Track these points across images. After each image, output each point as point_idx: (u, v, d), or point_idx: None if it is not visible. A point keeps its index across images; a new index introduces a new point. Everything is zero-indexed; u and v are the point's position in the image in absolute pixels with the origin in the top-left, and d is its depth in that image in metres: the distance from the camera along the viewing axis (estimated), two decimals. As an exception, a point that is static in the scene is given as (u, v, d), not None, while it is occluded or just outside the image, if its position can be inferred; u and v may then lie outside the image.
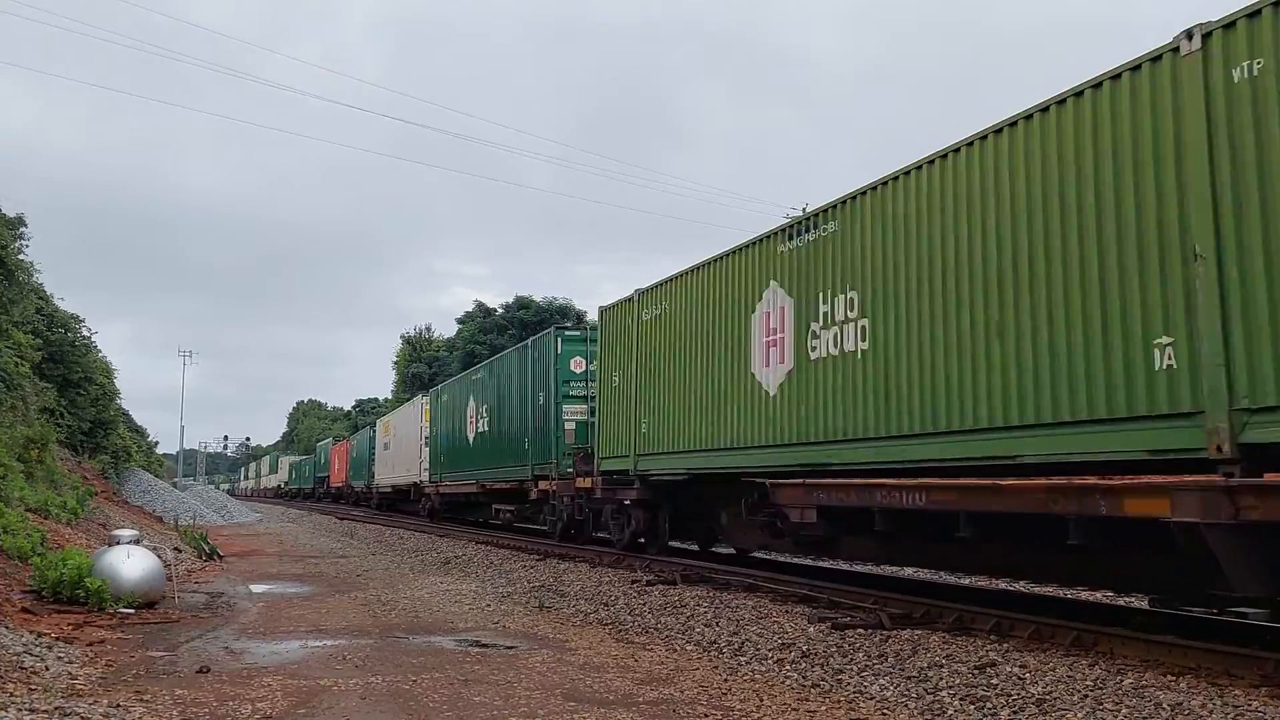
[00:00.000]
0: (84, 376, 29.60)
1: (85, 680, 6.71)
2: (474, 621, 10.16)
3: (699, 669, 7.55)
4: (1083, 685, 6.21)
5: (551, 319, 54.49)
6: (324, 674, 7.21)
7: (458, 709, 6.13)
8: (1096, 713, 5.70)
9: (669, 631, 9.31)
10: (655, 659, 7.98)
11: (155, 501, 32.75)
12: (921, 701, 6.30)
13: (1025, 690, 6.25)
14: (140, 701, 6.09)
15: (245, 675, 7.12)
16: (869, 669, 7.20)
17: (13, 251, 20.70)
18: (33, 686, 6.26)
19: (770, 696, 6.51)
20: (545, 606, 11.27)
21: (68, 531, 15.08)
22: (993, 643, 7.71)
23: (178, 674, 7.12)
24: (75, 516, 16.77)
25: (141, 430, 49.42)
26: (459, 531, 24.32)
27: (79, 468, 25.39)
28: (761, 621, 9.23)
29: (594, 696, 6.53)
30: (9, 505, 13.26)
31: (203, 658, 7.76)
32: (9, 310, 20.67)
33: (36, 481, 17.43)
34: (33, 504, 14.92)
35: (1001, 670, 6.75)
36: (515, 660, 7.86)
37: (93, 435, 30.48)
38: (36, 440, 19.01)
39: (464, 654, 8.16)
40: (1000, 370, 8.07)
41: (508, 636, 9.16)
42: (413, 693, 6.58)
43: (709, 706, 6.22)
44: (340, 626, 9.73)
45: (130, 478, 35.03)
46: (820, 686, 6.83)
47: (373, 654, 8.12)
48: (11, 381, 19.79)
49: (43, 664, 6.97)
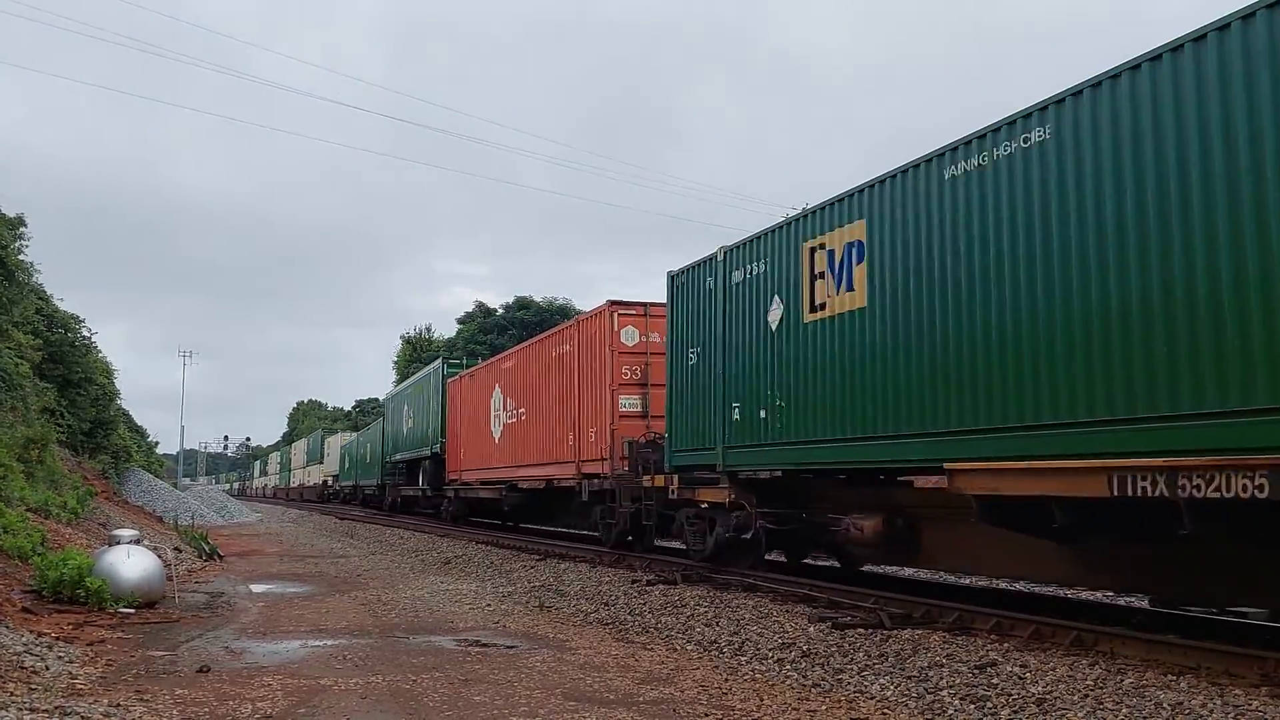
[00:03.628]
0: (84, 377, 29.59)
1: (85, 680, 6.71)
2: (474, 621, 10.17)
3: (699, 669, 7.55)
4: (1083, 685, 6.20)
5: (552, 319, 54.47)
6: (324, 674, 7.21)
7: (458, 709, 6.13)
8: (1096, 712, 5.70)
9: (669, 631, 9.31)
10: (655, 659, 7.98)
11: (155, 501, 32.74)
12: (922, 701, 6.30)
13: (1025, 690, 6.25)
14: (140, 701, 6.09)
15: (245, 675, 7.11)
16: (869, 669, 7.19)
17: (13, 252, 20.68)
18: (33, 686, 6.26)
19: (770, 696, 6.51)
20: (545, 606, 11.27)
21: (68, 531, 15.08)
22: (993, 642, 7.71)
23: (178, 674, 7.12)
24: (75, 516, 16.77)
25: (141, 430, 49.44)
26: (459, 531, 24.29)
27: (79, 468, 25.37)
28: (762, 621, 9.23)
29: (594, 696, 6.53)
30: (9, 505, 13.26)
31: (203, 657, 7.76)
32: (9, 310, 20.65)
33: (37, 481, 17.42)
34: (33, 504, 14.92)
35: (1002, 670, 6.75)
36: (515, 660, 7.86)
37: (93, 435, 30.46)
38: (37, 440, 19.00)
39: (464, 654, 8.16)
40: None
41: (508, 636, 9.16)
42: (413, 692, 6.58)
43: (709, 706, 6.22)
44: (340, 626, 9.73)
45: (130, 478, 35.03)
46: (820, 686, 6.83)
47: (373, 654, 8.12)
48: (11, 381, 19.79)
49: (43, 664, 6.97)
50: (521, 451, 20.90)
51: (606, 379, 16.39)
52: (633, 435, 15.56)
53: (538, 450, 19.80)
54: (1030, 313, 7.76)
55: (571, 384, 18.00)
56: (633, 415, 16.21)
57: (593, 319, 17.39)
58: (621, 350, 16.39)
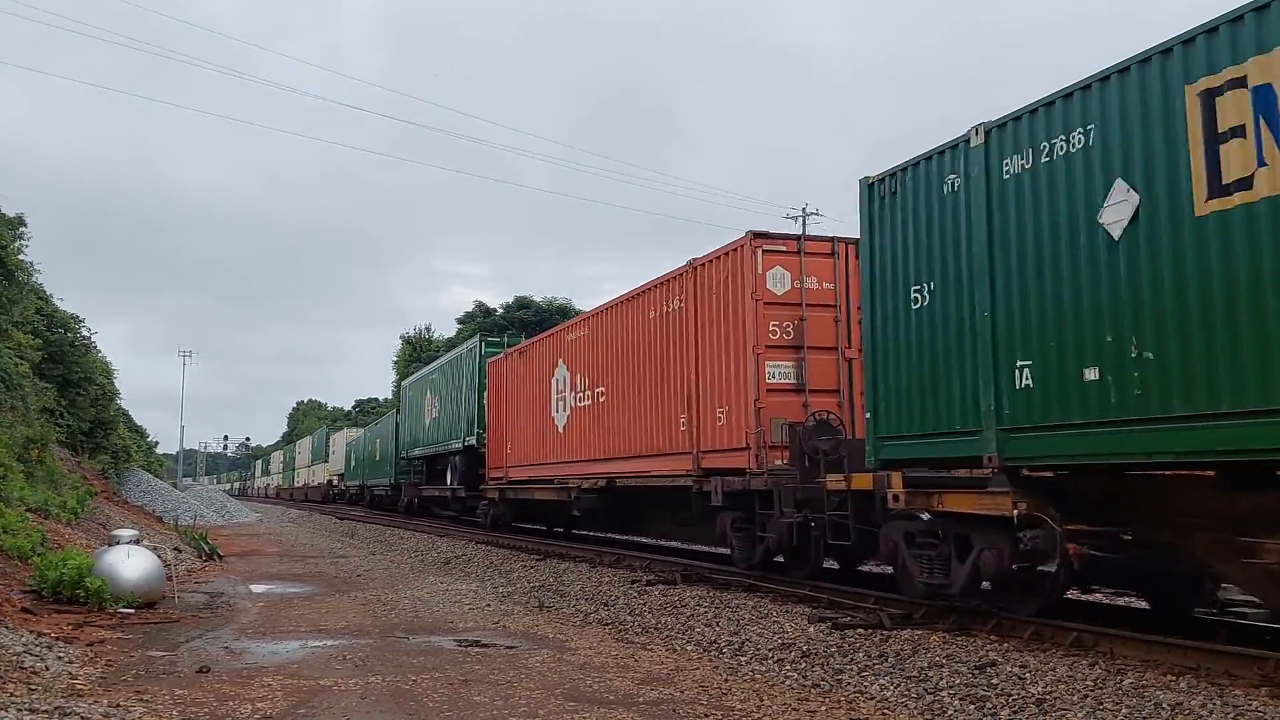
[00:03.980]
0: (84, 376, 29.60)
1: (85, 680, 6.72)
2: (474, 621, 10.16)
3: (699, 669, 7.55)
4: (1083, 685, 6.21)
5: (552, 319, 54.44)
6: (324, 674, 7.21)
7: (458, 709, 6.13)
8: (1096, 713, 5.70)
9: (669, 631, 9.31)
10: (655, 659, 7.99)
11: (155, 501, 32.74)
12: (921, 701, 6.30)
13: (1025, 690, 6.25)
14: (140, 701, 6.10)
15: (245, 675, 7.12)
16: (869, 669, 7.19)
17: (13, 251, 20.69)
18: (33, 686, 6.26)
19: (770, 696, 6.51)
20: (545, 606, 11.27)
21: (68, 531, 15.09)
22: (993, 643, 7.71)
23: (178, 674, 7.12)
24: (75, 516, 16.78)
25: (141, 430, 49.37)
26: (459, 531, 24.27)
27: (79, 468, 25.38)
28: (761, 621, 9.23)
29: (594, 696, 6.53)
30: (9, 505, 13.26)
31: (203, 658, 7.76)
32: (9, 310, 20.67)
33: (36, 481, 17.43)
34: (33, 504, 14.92)
35: (1001, 670, 6.75)
36: (515, 660, 7.86)
37: (93, 435, 30.47)
38: (36, 440, 19.02)
39: (464, 654, 8.16)
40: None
41: (508, 636, 9.16)
42: (413, 693, 6.58)
43: (709, 706, 6.23)
44: (340, 626, 9.73)
45: (130, 478, 35.03)
46: (820, 686, 6.83)
47: (373, 654, 8.12)
48: (11, 381, 19.78)
49: (43, 664, 6.97)
50: (600, 442, 16.63)
51: (746, 340, 12.06)
52: (786, 416, 11.81)
53: (627, 439, 15.56)
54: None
55: (684, 350, 13.74)
56: (785, 389, 12.04)
57: (720, 260, 12.91)
58: (769, 300, 12.12)
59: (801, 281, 12.23)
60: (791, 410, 11.85)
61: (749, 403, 11.94)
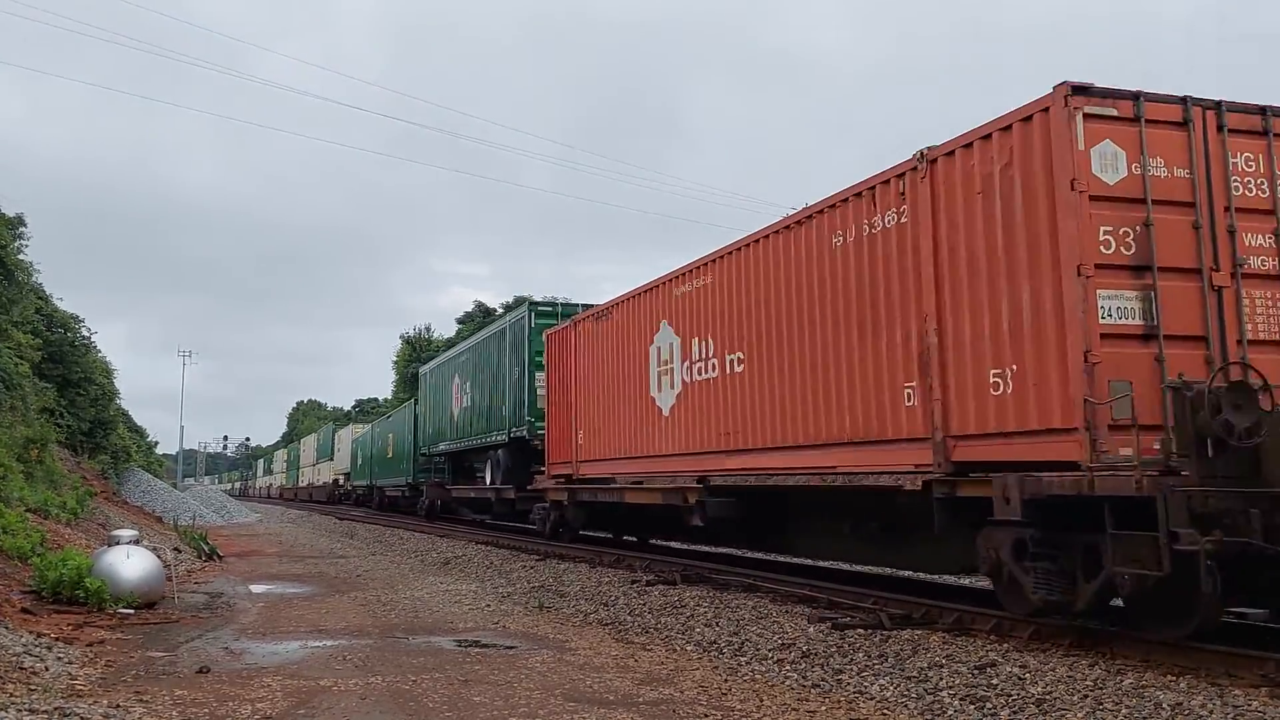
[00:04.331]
0: (83, 376, 29.63)
1: (85, 681, 6.72)
2: (474, 622, 10.16)
3: (699, 669, 7.55)
4: (1083, 685, 6.21)
5: (551, 319, 54.20)
6: (324, 674, 7.21)
7: (458, 709, 6.13)
8: (1096, 713, 5.70)
9: (669, 632, 9.31)
10: (655, 659, 7.98)
11: (155, 501, 32.75)
12: (921, 702, 6.30)
13: (1025, 690, 6.25)
14: (140, 702, 6.10)
15: (245, 675, 7.12)
16: (869, 669, 7.19)
17: (12, 251, 20.72)
18: (33, 687, 6.26)
19: (770, 696, 6.51)
20: (545, 607, 11.27)
21: (67, 531, 15.08)
22: (993, 643, 7.71)
23: (177, 674, 7.12)
24: (75, 516, 16.77)
25: (141, 430, 49.40)
26: (459, 531, 24.27)
27: (79, 468, 25.38)
28: (761, 621, 9.23)
29: (594, 697, 6.53)
30: (9, 505, 13.26)
31: (202, 658, 7.76)
32: (9, 310, 20.68)
33: (36, 481, 17.43)
34: (32, 504, 14.93)
35: (1001, 670, 6.75)
36: (515, 660, 7.86)
37: (92, 435, 30.49)
38: (36, 440, 19.02)
39: (464, 654, 8.16)
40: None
41: (508, 637, 9.16)
42: (413, 693, 6.58)
43: (709, 707, 6.22)
44: (340, 627, 9.73)
45: (130, 478, 35.05)
46: (820, 686, 6.83)
47: (372, 654, 8.12)
48: (11, 381, 19.79)
49: (42, 664, 6.98)
50: (736, 427, 12.09)
51: (1063, 256, 7.52)
52: (1128, 376, 7.25)
53: (785, 424, 11.06)
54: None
55: (910, 285, 9.15)
56: (1127, 334, 7.44)
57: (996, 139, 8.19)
58: (1098, 194, 7.53)
59: (1144, 165, 7.68)
60: (1135, 367, 7.36)
61: (1075, 356, 7.36)
